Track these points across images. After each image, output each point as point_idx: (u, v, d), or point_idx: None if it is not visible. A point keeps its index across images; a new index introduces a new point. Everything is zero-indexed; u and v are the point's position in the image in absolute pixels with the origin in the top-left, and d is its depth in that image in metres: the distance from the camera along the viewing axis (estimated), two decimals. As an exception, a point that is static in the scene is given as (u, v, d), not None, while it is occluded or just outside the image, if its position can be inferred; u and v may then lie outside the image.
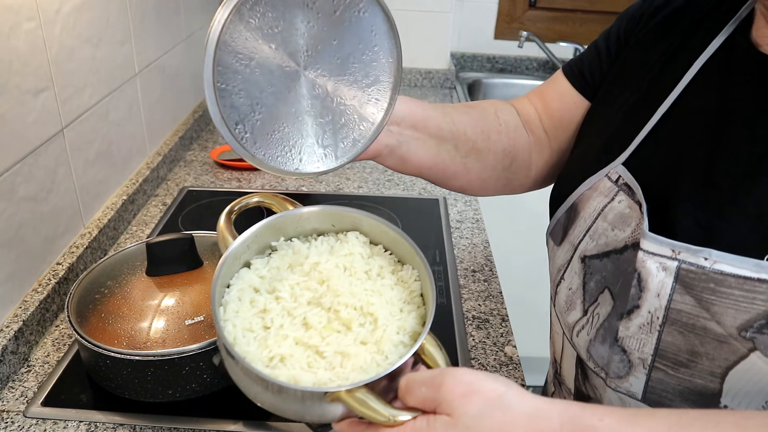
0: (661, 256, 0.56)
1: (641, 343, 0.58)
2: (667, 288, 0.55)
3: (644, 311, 0.57)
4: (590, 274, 0.64)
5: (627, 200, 0.61)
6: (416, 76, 1.94)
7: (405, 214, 1.17)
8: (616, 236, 0.62)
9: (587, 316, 0.65)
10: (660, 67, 0.66)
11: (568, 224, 0.67)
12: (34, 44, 0.83)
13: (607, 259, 0.63)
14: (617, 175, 0.63)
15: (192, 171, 1.33)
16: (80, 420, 0.72)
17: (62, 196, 0.92)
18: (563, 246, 0.68)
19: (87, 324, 0.72)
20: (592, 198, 0.65)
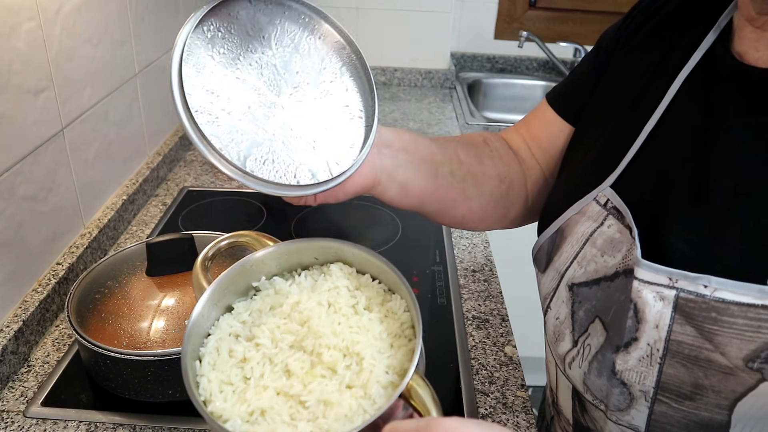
0: (657, 284, 0.53)
1: (642, 375, 0.55)
2: (666, 319, 0.53)
3: (643, 343, 0.54)
4: (579, 303, 0.61)
5: (617, 224, 0.58)
6: (416, 76, 1.94)
7: (405, 215, 1.18)
8: (606, 262, 0.58)
9: (578, 347, 0.62)
10: (642, 86, 0.63)
11: (553, 251, 0.65)
12: (34, 44, 0.83)
13: (597, 287, 0.59)
14: (605, 198, 0.60)
15: (192, 171, 1.33)
16: (80, 420, 0.72)
17: (62, 196, 0.92)
18: (548, 273, 0.66)
19: (87, 324, 0.72)
20: (580, 223, 0.62)
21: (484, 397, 0.77)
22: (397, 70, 1.93)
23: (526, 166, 0.77)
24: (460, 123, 1.69)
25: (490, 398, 0.77)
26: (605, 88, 0.69)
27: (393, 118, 1.69)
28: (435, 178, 0.68)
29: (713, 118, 0.55)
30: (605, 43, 0.71)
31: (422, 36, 1.90)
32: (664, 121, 0.59)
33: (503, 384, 0.79)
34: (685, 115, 0.58)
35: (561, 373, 0.66)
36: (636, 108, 0.62)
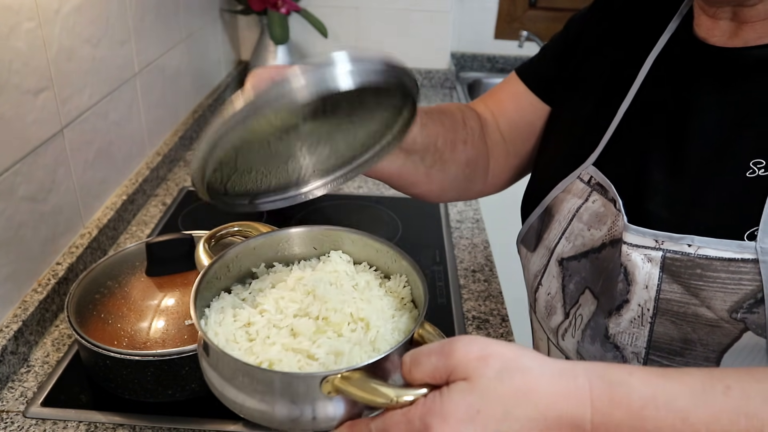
0: (644, 247, 0.56)
1: (633, 337, 0.58)
2: (655, 279, 0.56)
3: (634, 305, 0.57)
4: (569, 277, 0.64)
5: (601, 199, 0.62)
6: (416, 76, 1.94)
7: (405, 214, 1.17)
8: (593, 236, 0.62)
9: (569, 318, 0.65)
10: (613, 69, 0.67)
11: (542, 228, 0.68)
12: (34, 44, 0.83)
13: (585, 260, 0.63)
14: (589, 175, 0.64)
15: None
16: (80, 420, 0.72)
17: (62, 196, 0.92)
18: (538, 251, 0.68)
19: (87, 324, 0.72)
20: (566, 200, 0.65)
21: (484, 397, 0.77)
22: (397, 70, 1.93)
23: (491, 141, 0.79)
24: (460, 123, 1.69)
25: (490, 398, 0.76)
26: (577, 72, 0.72)
27: (393, 118, 1.69)
28: (403, 165, 0.68)
29: (683, 95, 0.59)
30: (574, 28, 0.75)
31: (422, 36, 1.89)
32: (638, 100, 0.63)
33: (503, 384, 0.79)
34: (657, 95, 0.62)
35: (554, 346, 0.68)
36: (609, 90, 0.66)
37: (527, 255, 0.71)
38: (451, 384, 0.40)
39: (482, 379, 0.39)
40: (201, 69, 1.55)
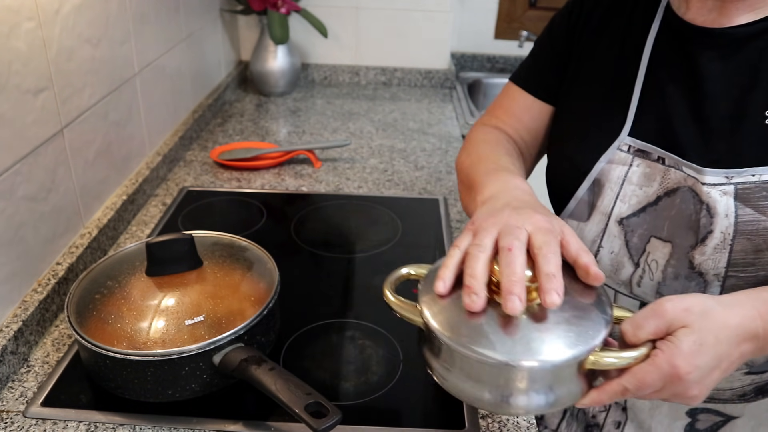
0: (719, 184, 0.67)
1: (716, 261, 0.68)
2: (732, 207, 0.67)
3: (717, 233, 0.68)
4: (631, 232, 0.74)
5: (644, 162, 0.73)
6: (416, 76, 1.94)
7: (405, 214, 1.17)
8: (646, 192, 0.73)
9: (641, 266, 0.74)
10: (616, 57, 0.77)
11: (594, 198, 0.76)
12: (34, 44, 0.83)
13: (644, 214, 0.73)
14: (627, 145, 0.74)
15: (192, 171, 1.33)
16: (80, 420, 0.72)
17: (62, 196, 0.92)
18: (593, 219, 0.77)
19: (87, 324, 0.72)
20: (612, 169, 0.75)
21: (484, 397, 0.77)
22: (397, 70, 1.93)
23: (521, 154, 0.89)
24: (460, 123, 1.69)
25: (490, 398, 0.76)
26: (578, 66, 0.82)
27: (393, 118, 1.69)
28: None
29: (691, 67, 0.71)
30: (560, 28, 0.84)
31: (422, 36, 1.89)
32: (650, 78, 0.74)
33: (503, 384, 0.79)
34: (665, 70, 0.73)
35: (625, 297, 0.77)
36: (618, 74, 0.77)
37: (579, 226, 0.79)
38: (675, 332, 0.54)
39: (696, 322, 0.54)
40: (201, 69, 1.55)
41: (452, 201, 1.23)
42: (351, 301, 0.94)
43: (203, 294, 0.76)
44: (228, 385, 0.74)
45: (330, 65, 1.94)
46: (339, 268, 1.01)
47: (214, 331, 0.71)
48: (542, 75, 0.87)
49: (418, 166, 1.39)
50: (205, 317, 0.73)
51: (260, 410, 0.73)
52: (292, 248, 1.06)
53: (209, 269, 0.80)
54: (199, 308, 0.74)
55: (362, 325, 0.88)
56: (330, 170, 1.35)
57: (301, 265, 1.02)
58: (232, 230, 0.92)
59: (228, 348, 0.71)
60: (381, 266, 1.01)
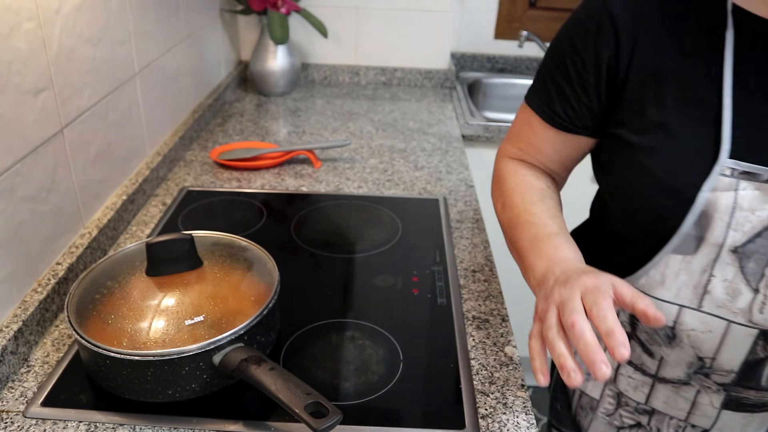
0: None
1: None
2: None
3: None
4: (747, 259, 0.69)
5: (752, 184, 0.67)
6: (416, 76, 1.94)
7: (405, 214, 1.17)
8: (760, 217, 0.67)
9: (762, 292, 0.69)
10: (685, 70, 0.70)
11: (702, 231, 0.70)
12: (34, 44, 0.83)
13: (760, 239, 0.68)
14: (730, 169, 0.67)
15: (192, 171, 1.33)
16: (80, 420, 0.72)
17: (62, 196, 0.92)
18: (702, 251, 0.71)
19: (87, 324, 0.72)
20: (718, 198, 0.68)
21: (484, 397, 0.77)
22: (397, 70, 1.93)
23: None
24: (460, 123, 1.69)
25: (490, 398, 0.77)
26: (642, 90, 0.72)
27: (393, 117, 1.69)
28: None
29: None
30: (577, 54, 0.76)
31: (422, 36, 1.89)
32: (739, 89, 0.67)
33: (503, 384, 0.79)
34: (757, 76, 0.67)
35: (740, 327, 0.72)
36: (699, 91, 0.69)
37: (684, 259, 0.72)
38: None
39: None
40: (201, 69, 1.55)
41: (452, 201, 1.23)
42: (351, 301, 0.94)
43: (203, 294, 0.76)
44: (228, 385, 0.74)
45: (330, 65, 1.94)
46: (339, 268, 1.01)
47: (214, 331, 0.71)
48: (561, 105, 0.79)
49: (418, 166, 1.39)
50: (205, 317, 0.73)
51: (260, 410, 0.73)
52: (292, 248, 1.06)
53: (209, 269, 0.80)
54: (199, 308, 0.74)
55: (362, 325, 0.88)
56: (330, 170, 1.35)
57: (301, 265, 1.02)
58: (232, 230, 0.92)
59: (228, 348, 0.71)
60: (381, 266, 1.02)
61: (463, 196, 1.25)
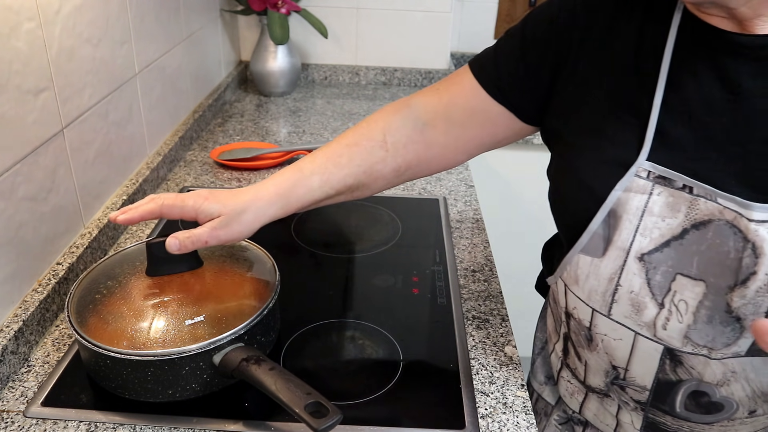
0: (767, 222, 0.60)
1: (758, 305, 0.62)
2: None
3: (761, 275, 0.61)
4: (653, 269, 0.66)
5: (666, 190, 0.65)
6: (416, 76, 1.94)
7: (405, 214, 1.18)
8: (670, 225, 0.65)
9: (666, 307, 0.67)
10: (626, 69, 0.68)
11: (611, 232, 0.68)
12: (34, 44, 0.83)
13: (667, 249, 0.65)
14: (646, 171, 0.66)
15: (192, 171, 1.33)
16: (80, 420, 0.72)
17: (62, 196, 0.92)
18: (609, 254, 0.69)
19: (87, 324, 0.72)
20: (630, 199, 0.66)
21: (484, 397, 0.77)
22: (397, 70, 1.93)
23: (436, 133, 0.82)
24: (460, 123, 1.69)
25: (490, 398, 0.77)
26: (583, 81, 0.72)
27: (393, 118, 1.69)
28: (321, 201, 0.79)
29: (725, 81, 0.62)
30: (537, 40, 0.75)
31: (422, 36, 1.89)
32: (672, 91, 0.65)
33: (503, 384, 0.79)
34: (693, 83, 0.64)
35: (646, 340, 0.70)
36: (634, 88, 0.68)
37: (593, 262, 0.71)
38: None
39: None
40: (201, 69, 1.55)
41: (452, 201, 1.23)
42: (351, 301, 0.94)
43: (203, 294, 0.76)
44: (228, 385, 0.75)
45: (330, 65, 1.94)
46: (339, 268, 1.01)
47: (214, 331, 0.71)
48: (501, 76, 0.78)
49: (418, 166, 1.39)
50: (205, 317, 0.73)
51: (260, 410, 0.73)
52: (292, 248, 1.06)
53: (209, 269, 0.80)
54: (199, 308, 0.74)
55: (362, 325, 0.88)
56: (330, 170, 1.35)
57: (301, 265, 1.02)
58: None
59: (228, 348, 0.71)
60: (381, 266, 1.02)
61: (463, 196, 1.25)
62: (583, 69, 0.72)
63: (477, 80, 0.79)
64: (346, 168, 0.78)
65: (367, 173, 0.80)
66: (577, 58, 0.72)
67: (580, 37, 0.72)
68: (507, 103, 0.78)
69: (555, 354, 0.88)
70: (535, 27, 0.76)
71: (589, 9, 0.71)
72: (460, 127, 0.81)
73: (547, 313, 0.94)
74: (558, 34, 0.73)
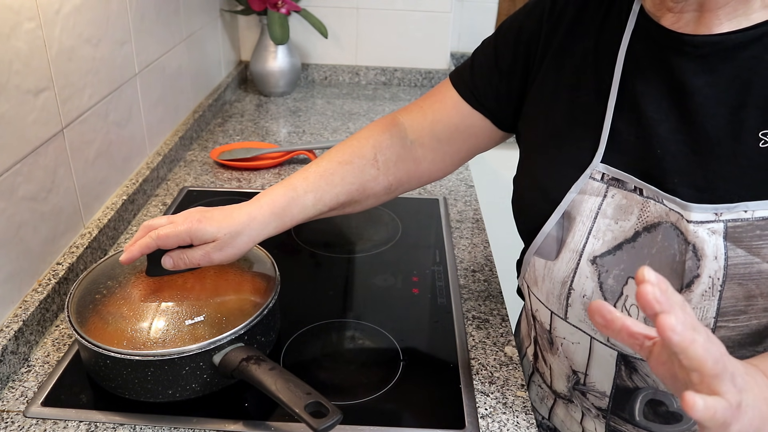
0: (707, 222, 0.60)
1: (704, 310, 0.61)
2: (721, 248, 0.59)
3: (704, 278, 0.60)
4: (606, 273, 0.66)
5: (620, 192, 0.65)
6: (416, 76, 1.94)
7: (405, 214, 1.18)
8: (622, 227, 0.65)
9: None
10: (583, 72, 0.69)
11: (564, 234, 0.69)
12: (34, 44, 0.83)
13: (620, 251, 0.65)
14: (600, 173, 0.66)
15: (192, 171, 1.33)
16: (80, 420, 0.72)
17: (62, 196, 0.92)
18: (562, 257, 0.69)
19: (87, 324, 0.72)
20: (584, 201, 0.67)
21: (484, 397, 0.77)
22: (397, 70, 1.93)
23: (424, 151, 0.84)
24: (460, 123, 1.69)
25: (490, 398, 0.77)
26: (544, 82, 0.74)
27: (393, 118, 1.69)
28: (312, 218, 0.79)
29: (672, 80, 0.63)
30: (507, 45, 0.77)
31: (422, 36, 1.89)
32: (624, 92, 0.66)
33: (503, 384, 0.79)
34: (643, 83, 0.65)
35: (601, 345, 0.70)
36: (587, 88, 0.69)
37: (547, 264, 0.71)
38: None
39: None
40: (201, 69, 1.55)
41: (452, 201, 1.23)
42: (351, 301, 0.94)
43: (203, 294, 0.76)
44: (228, 385, 0.75)
45: (330, 65, 1.94)
46: (339, 268, 1.01)
47: (214, 331, 0.71)
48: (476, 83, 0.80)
49: (418, 166, 1.39)
50: (205, 317, 0.73)
51: (260, 410, 0.73)
52: (292, 248, 1.06)
53: (209, 269, 0.80)
54: (199, 308, 0.74)
55: (362, 325, 0.88)
56: (330, 170, 1.35)
57: (301, 265, 1.02)
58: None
59: (228, 348, 0.71)
60: (381, 266, 1.02)
61: (463, 196, 1.25)
62: (548, 74, 0.74)
63: (455, 89, 0.82)
64: (339, 186, 0.78)
65: (360, 191, 0.80)
66: (542, 64, 0.74)
67: (546, 43, 0.74)
68: (483, 109, 0.81)
69: (527, 358, 0.88)
70: (506, 34, 0.78)
71: (554, 16, 0.73)
72: (446, 143, 0.83)
73: (522, 317, 0.95)
74: (526, 42, 0.75)
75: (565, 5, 0.73)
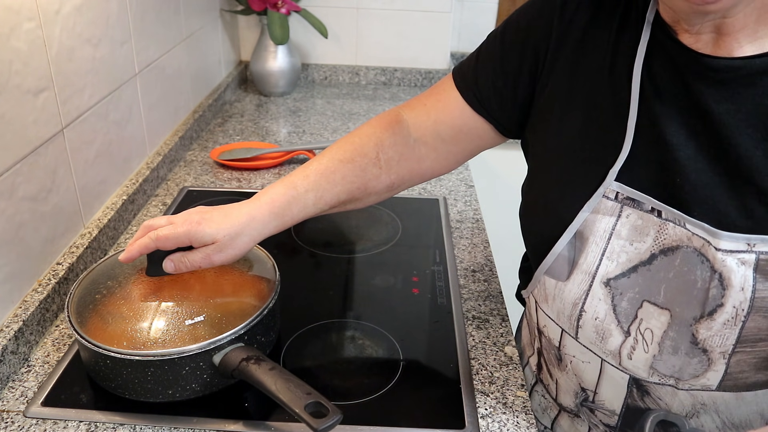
0: (738, 251, 0.57)
1: (724, 338, 0.59)
2: (750, 280, 0.57)
3: (728, 307, 0.58)
4: (619, 295, 0.64)
5: (635, 213, 0.63)
6: (416, 76, 1.94)
7: (405, 214, 1.18)
8: (638, 249, 0.62)
9: (632, 335, 0.64)
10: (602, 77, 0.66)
11: (576, 255, 0.66)
12: (34, 44, 0.83)
13: (635, 274, 0.63)
14: (614, 192, 0.64)
15: (192, 171, 1.33)
16: (80, 420, 0.72)
17: (62, 196, 0.92)
18: (574, 278, 0.67)
19: (87, 324, 0.72)
20: (597, 221, 0.64)
21: (484, 397, 0.77)
22: (397, 70, 1.93)
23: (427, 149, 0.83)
24: (460, 123, 1.69)
25: (490, 398, 0.77)
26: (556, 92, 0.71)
27: (393, 118, 1.69)
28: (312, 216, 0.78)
29: (695, 103, 0.60)
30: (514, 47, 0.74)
31: (422, 36, 1.89)
32: (644, 110, 0.63)
33: (503, 384, 0.79)
34: (664, 103, 0.62)
35: (612, 367, 0.68)
36: (608, 104, 0.65)
37: (557, 285, 0.69)
38: None
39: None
40: (201, 69, 1.55)
41: (452, 201, 1.23)
42: (351, 301, 0.94)
43: (203, 294, 0.76)
44: (228, 385, 0.75)
45: (330, 65, 1.94)
46: (339, 268, 1.01)
47: (214, 331, 0.71)
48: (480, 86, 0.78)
49: (418, 166, 1.39)
50: (205, 317, 0.73)
51: (260, 410, 0.73)
52: (292, 248, 1.06)
53: (209, 269, 0.80)
54: (199, 308, 0.74)
55: (362, 325, 0.88)
56: (330, 170, 1.35)
57: (301, 265, 1.02)
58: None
59: (228, 348, 0.71)
60: (381, 266, 1.02)
61: (463, 196, 1.25)
62: (558, 83, 0.71)
63: (459, 92, 0.80)
64: (340, 185, 0.77)
65: (361, 189, 0.79)
66: (552, 70, 0.71)
67: (556, 46, 0.70)
68: (488, 115, 0.79)
69: (529, 367, 0.87)
70: (513, 32, 0.75)
71: (566, 18, 0.69)
72: (450, 143, 0.82)
73: (523, 325, 0.94)
74: (534, 44, 0.72)
75: (576, 8, 0.69)
